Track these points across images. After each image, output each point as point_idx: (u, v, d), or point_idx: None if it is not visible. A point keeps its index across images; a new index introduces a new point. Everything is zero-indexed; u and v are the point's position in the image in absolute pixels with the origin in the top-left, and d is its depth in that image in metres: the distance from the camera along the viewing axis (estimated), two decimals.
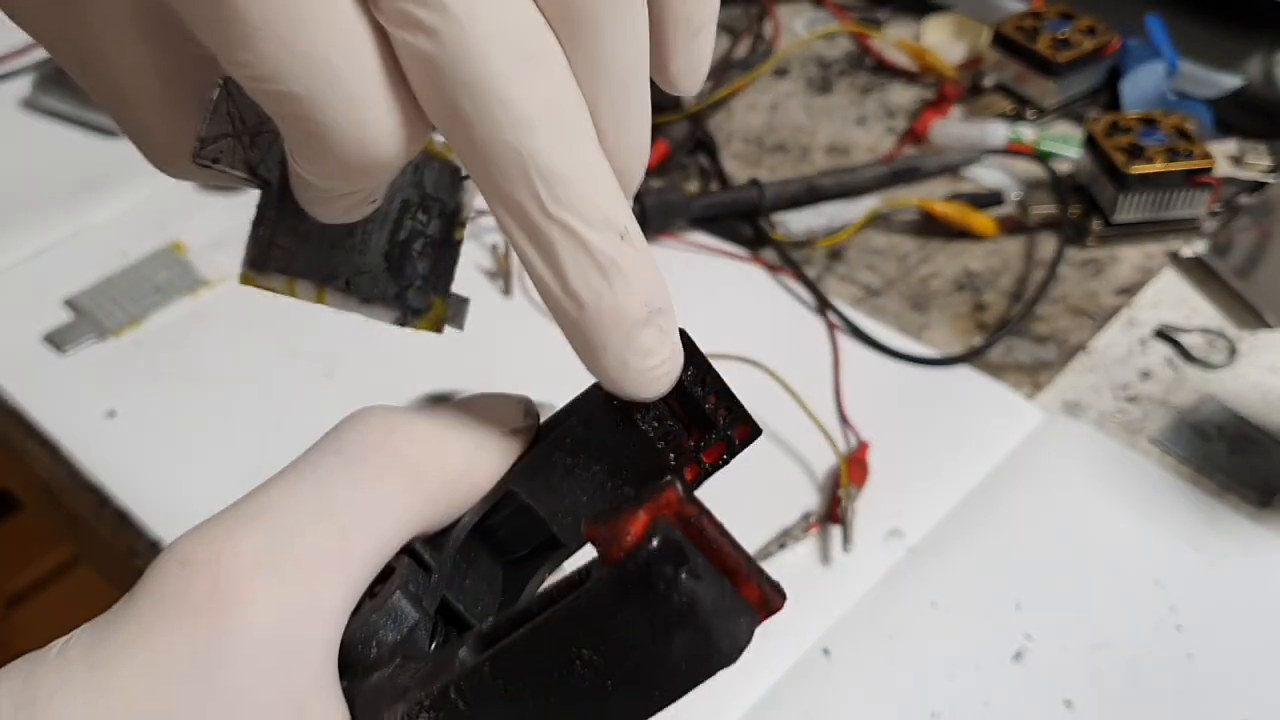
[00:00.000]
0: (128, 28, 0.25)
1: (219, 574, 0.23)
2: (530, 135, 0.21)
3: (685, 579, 0.22)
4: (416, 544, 0.26)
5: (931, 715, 0.47)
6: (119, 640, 0.23)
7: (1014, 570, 0.51)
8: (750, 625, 0.24)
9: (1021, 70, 0.76)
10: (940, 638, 0.49)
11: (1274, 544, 0.52)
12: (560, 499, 0.27)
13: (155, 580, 0.24)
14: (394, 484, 0.25)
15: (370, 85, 0.21)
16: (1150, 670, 0.46)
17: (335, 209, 0.24)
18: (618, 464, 0.27)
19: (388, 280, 0.30)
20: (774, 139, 0.77)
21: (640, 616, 0.22)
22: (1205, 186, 0.65)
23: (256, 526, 0.24)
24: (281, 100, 0.21)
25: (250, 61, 0.20)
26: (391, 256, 0.30)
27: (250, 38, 0.20)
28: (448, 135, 0.22)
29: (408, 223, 0.30)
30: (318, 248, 0.29)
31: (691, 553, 0.22)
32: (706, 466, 0.28)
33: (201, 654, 0.23)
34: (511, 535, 0.28)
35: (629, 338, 0.23)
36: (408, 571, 0.25)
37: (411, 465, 0.25)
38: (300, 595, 0.23)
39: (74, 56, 0.26)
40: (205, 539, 0.24)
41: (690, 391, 0.27)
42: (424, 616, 0.25)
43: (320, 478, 0.25)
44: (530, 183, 0.21)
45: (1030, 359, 0.61)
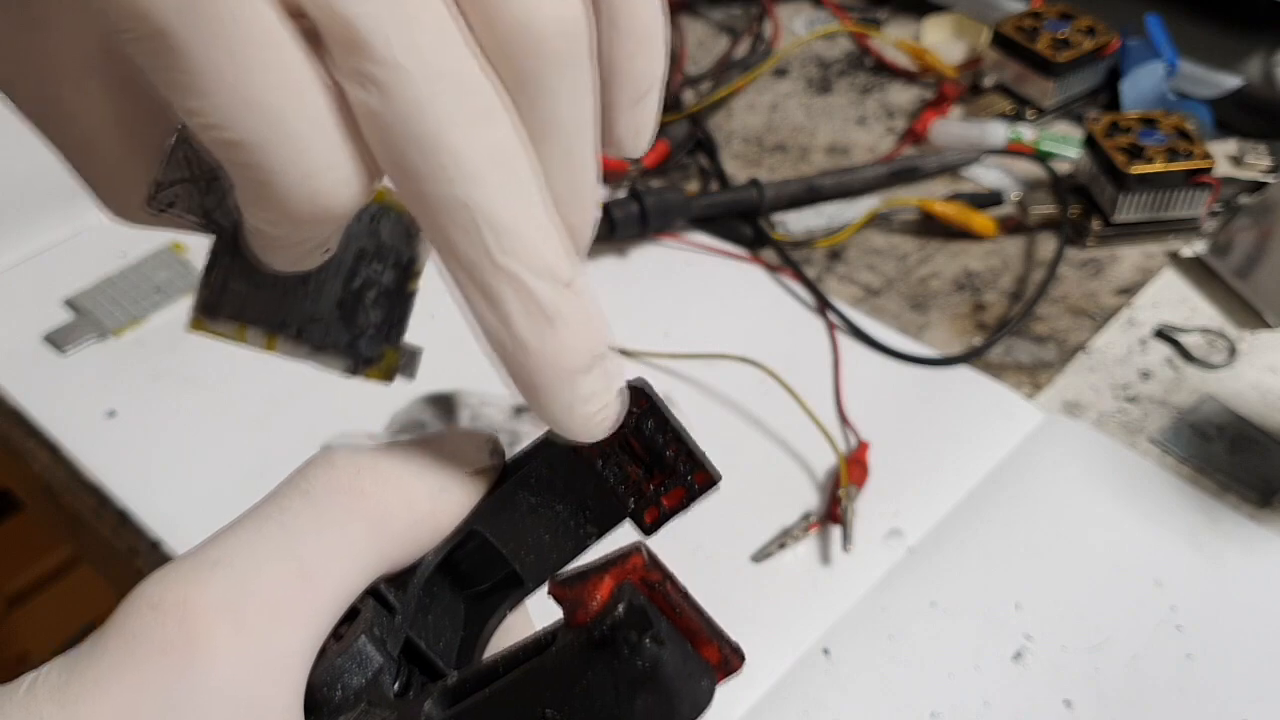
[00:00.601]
0: (89, 74, 0.25)
1: (185, 618, 0.24)
2: (478, 188, 0.21)
3: (649, 645, 0.22)
4: (380, 585, 0.26)
5: (931, 715, 0.47)
6: (88, 679, 0.23)
7: (1014, 570, 0.51)
8: (710, 687, 0.24)
9: (1021, 70, 0.76)
10: (940, 638, 0.49)
11: (1274, 544, 0.52)
12: (523, 537, 0.28)
13: (125, 620, 0.24)
14: (359, 526, 0.25)
15: (320, 135, 0.21)
16: (1150, 670, 0.46)
17: (287, 257, 0.24)
18: (581, 505, 0.28)
19: (340, 329, 0.30)
20: (774, 139, 0.77)
21: (605, 679, 0.23)
22: (1205, 186, 0.65)
23: (220, 571, 0.25)
24: (231, 148, 0.21)
25: (200, 109, 0.20)
26: (345, 305, 0.30)
27: (200, 85, 0.20)
28: (398, 187, 0.22)
29: (362, 271, 0.30)
30: (270, 295, 0.29)
31: (655, 618, 0.23)
32: (666, 510, 0.28)
33: (168, 699, 0.23)
34: (474, 570, 0.28)
35: (573, 384, 0.24)
36: (372, 615, 0.26)
37: (376, 506, 0.25)
38: (263, 642, 0.24)
39: (32, 102, 0.26)
40: (173, 581, 0.25)
41: (651, 438, 0.27)
42: (388, 660, 0.26)
43: (286, 520, 0.26)
44: (478, 234, 0.22)
45: (1030, 359, 0.61)
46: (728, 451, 0.57)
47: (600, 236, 0.66)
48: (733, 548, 0.52)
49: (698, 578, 0.49)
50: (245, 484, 0.56)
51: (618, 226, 0.65)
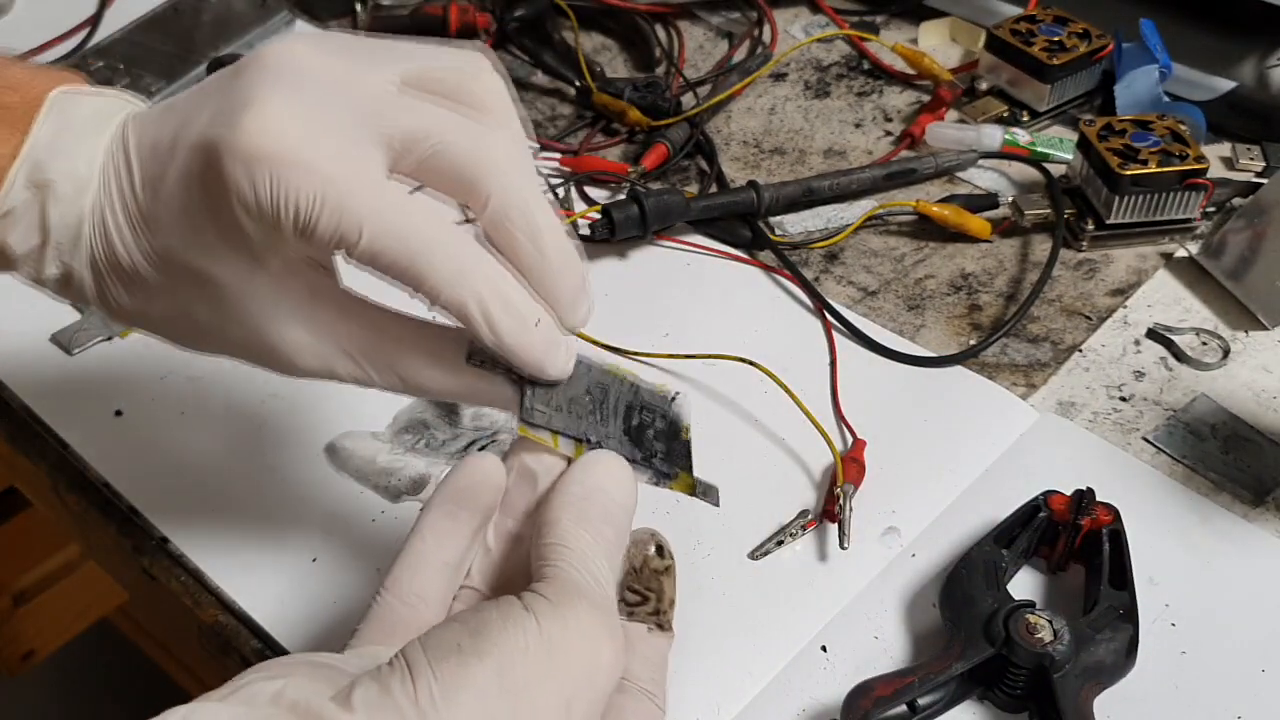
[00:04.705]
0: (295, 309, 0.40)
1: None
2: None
3: None
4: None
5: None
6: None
7: None
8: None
9: (1016, 74, 0.76)
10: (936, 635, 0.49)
11: (1267, 543, 0.53)
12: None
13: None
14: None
15: (508, 284, 0.38)
16: (1144, 667, 0.47)
17: (532, 361, 0.39)
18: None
19: (631, 447, 0.41)
20: (772, 142, 0.77)
21: None
22: (1198, 188, 0.66)
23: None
24: (452, 309, 0.37)
25: (431, 292, 0.37)
26: (630, 433, 0.41)
27: (433, 281, 0.37)
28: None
29: (634, 416, 0.42)
30: (569, 417, 0.40)
31: None
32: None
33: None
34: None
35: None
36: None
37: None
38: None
39: (242, 339, 0.41)
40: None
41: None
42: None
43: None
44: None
45: (1025, 359, 0.62)
46: (726, 450, 0.58)
47: (600, 238, 0.66)
48: (730, 545, 0.53)
49: (696, 575, 0.50)
50: (250, 482, 0.56)
51: (617, 228, 0.66)
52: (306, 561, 0.52)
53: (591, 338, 0.63)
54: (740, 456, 0.57)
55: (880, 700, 0.44)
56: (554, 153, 0.76)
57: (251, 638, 0.50)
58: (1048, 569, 0.52)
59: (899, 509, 0.54)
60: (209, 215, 0.37)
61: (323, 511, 0.54)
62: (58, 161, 0.39)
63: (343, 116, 0.36)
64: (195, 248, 0.38)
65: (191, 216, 0.38)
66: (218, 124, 0.36)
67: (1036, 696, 0.45)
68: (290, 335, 0.40)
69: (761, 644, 0.49)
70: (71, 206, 0.39)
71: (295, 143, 0.35)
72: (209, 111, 0.37)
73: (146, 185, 0.38)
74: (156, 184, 0.38)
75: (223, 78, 0.38)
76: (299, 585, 0.51)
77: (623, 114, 0.76)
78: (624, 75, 0.83)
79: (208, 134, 0.36)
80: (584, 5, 0.86)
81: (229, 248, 0.38)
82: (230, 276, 0.39)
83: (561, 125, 0.79)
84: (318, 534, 0.53)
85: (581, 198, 0.72)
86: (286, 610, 0.50)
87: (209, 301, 0.40)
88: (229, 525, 0.54)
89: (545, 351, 0.39)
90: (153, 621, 1.14)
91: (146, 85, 0.77)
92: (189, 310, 0.40)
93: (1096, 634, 0.46)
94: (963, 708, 0.47)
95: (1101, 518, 0.50)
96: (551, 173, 0.74)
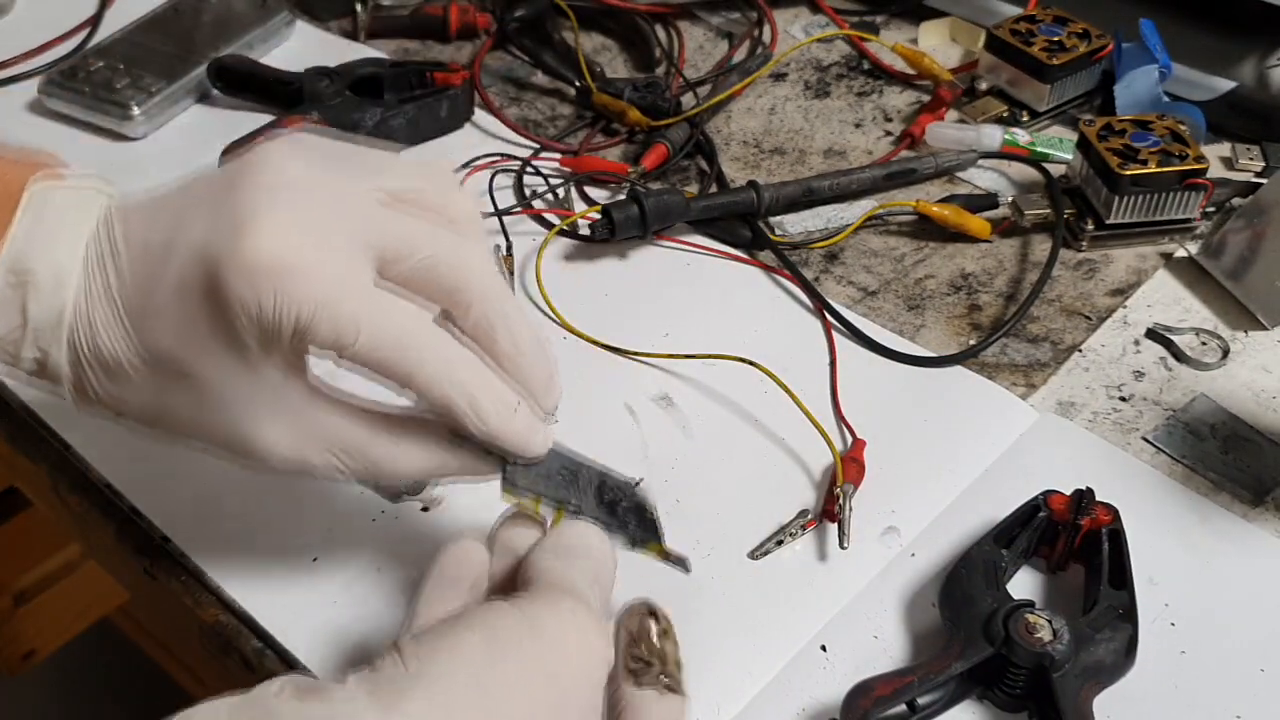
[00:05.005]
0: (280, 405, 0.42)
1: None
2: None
3: None
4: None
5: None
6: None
7: None
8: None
9: (1016, 74, 0.77)
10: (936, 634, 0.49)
11: (1266, 542, 0.53)
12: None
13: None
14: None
15: (492, 384, 0.42)
16: (1144, 666, 0.47)
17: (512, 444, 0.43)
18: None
19: (608, 516, 0.45)
20: (772, 142, 0.77)
21: None
22: (1198, 188, 0.66)
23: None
24: (439, 406, 0.41)
25: (420, 388, 0.41)
26: (603, 506, 0.45)
27: (415, 377, 0.41)
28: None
29: (606, 495, 0.45)
30: (548, 486, 0.45)
31: None
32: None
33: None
34: None
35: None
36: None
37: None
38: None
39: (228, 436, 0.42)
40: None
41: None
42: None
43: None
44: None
45: (1024, 359, 0.62)
46: (726, 450, 0.58)
47: (600, 238, 0.66)
48: (730, 545, 0.53)
49: (696, 575, 0.50)
50: (251, 483, 0.56)
51: (617, 228, 0.66)
52: (307, 561, 0.52)
53: (592, 338, 0.63)
54: (740, 456, 0.57)
55: (880, 700, 0.44)
56: (554, 153, 0.76)
57: (252, 638, 0.50)
58: (1047, 569, 0.52)
59: (899, 509, 0.54)
60: (206, 321, 0.39)
61: (323, 511, 0.54)
62: (38, 254, 0.41)
63: (335, 228, 0.39)
64: (186, 347, 0.40)
65: (186, 320, 0.40)
66: (218, 238, 0.39)
67: (1036, 696, 0.46)
68: (268, 430, 0.42)
69: (761, 643, 0.49)
70: (52, 298, 0.41)
71: (296, 257, 0.38)
72: (204, 221, 0.39)
73: (138, 285, 0.40)
74: (149, 286, 0.40)
75: (215, 186, 0.40)
76: (299, 585, 0.51)
77: (623, 114, 0.76)
78: (624, 75, 0.83)
79: (208, 247, 0.39)
80: (584, 5, 0.86)
81: (220, 349, 0.40)
82: (216, 374, 0.41)
83: (561, 125, 0.79)
84: (318, 534, 0.53)
85: (581, 198, 0.72)
86: (287, 610, 0.51)
87: (190, 395, 0.41)
88: (230, 525, 0.54)
89: (527, 433, 0.43)
90: (153, 621, 1.14)
91: (147, 85, 0.77)
92: (168, 403, 0.42)
93: (1096, 634, 0.46)
94: (962, 707, 0.47)
95: (1101, 517, 0.50)
96: (552, 173, 0.74)
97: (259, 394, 0.41)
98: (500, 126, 0.78)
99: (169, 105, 0.78)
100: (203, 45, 0.81)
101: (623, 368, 0.61)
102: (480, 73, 0.83)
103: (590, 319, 0.64)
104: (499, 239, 0.67)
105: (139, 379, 0.41)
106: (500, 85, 0.83)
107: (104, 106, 0.76)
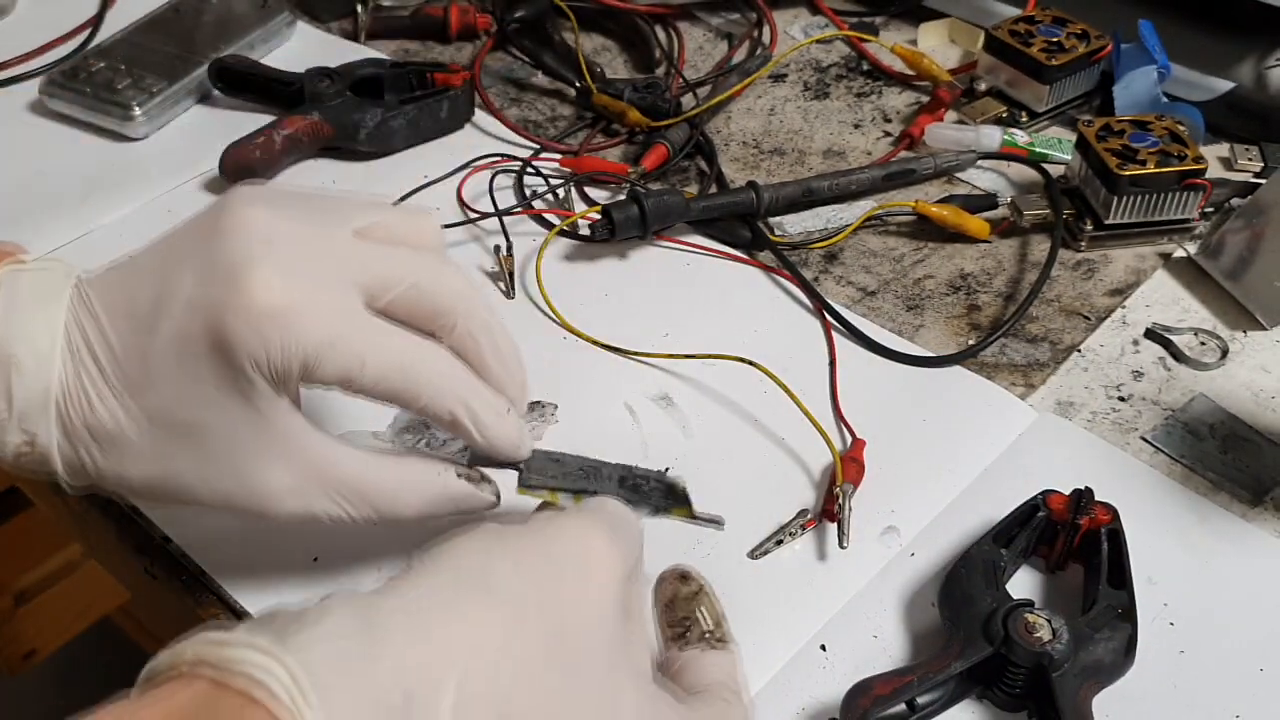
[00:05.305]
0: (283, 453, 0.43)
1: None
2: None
3: None
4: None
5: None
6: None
7: None
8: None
9: (1015, 74, 0.77)
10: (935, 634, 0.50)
11: (1265, 542, 0.53)
12: None
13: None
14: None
15: (486, 398, 0.45)
16: (1143, 666, 0.47)
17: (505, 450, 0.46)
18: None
19: (631, 494, 0.48)
20: (771, 142, 0.78)
21: None
22: (1197, 189, 0.66)
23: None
24: (445, 424, 0.44)
25: (424, 408, 0.43)
26: (624, 488, 0.48)
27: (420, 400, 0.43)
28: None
29: (630, 481, 0.48)
30: (565, 480, 0.47)
31: None
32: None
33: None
34: None
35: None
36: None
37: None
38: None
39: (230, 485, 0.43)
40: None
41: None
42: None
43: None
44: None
45: (1023, 359, 0.62)
46: (726, 450, 0.58)
47: (601, 239, 0.67)
48: (730, 545, 0.53)
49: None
50: None
51: (617, 228, 0.66)
52: (307, 561, 0.52)
53: (592, 338, 0.63)
54: (740, 456, 0.57)
55: (879, 699, 0.44)
56: (554, 153, 0.76)
57: None
58: (1046, 568, 0.52)
59: (898, 508, 0.54)
60: (209, 373, 0.40)
61: None
62: (17, 336, 0.41)
63: (324, 269, 0.41)
64: (189, 403, 0.41)
65: (187, 376, 0.40)
66: (215, 289, 0.40)
67: (1035, 695, 0.46)
68: (275, 479, 0.42)
69: (761, 643, 0.49)
70: (36, 378, 0.41)
71: (295, 298, 0.40)
72: (194, 276, 0.40)
73: (130, 350, 0.41)
74: (143, 348, 0.41)
75: (193, 243, 0.41)
76: (299, 585, 0.51)
77: (623, 115, 0.77)
78: (624, 76, 0.83)
79: (205, 300, 0.40)
80: (584, 6, 0.86)
81: (225, 399, 0.41)
82: (221, 426, 0.41)
83: (561, 126, 0.79)
84: (318, 534, 0.53)
85: (581, 198, 0.73)
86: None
87: (195, 452, 0.42)
88: (230, 525, 0.54)
89: (518, 436, 0.45)
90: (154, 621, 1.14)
91: (148, 86, 0.77)
92: (172, 465, 0.42)
93: (1095, 633, 0.46)
94: (961, 707, 0.47)
95: (1100, 517, 0.50)
96: (552, 173, 0.74)
97: (264, 442, 0.42)
98: (500, 127, 0.78)
99: (170, 106, 0.78)
100: (204, 46, 0.81)
101: (623, 368, 0.61)
102: (480, 73, 0.83)
103: (590, 319, 0.64)
104: (499, 239, 0.67)
105: (140, 445, 0.42)
106: (500, 86, 0.83)
107: (105, 107, 0.76)
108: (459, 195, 0.72)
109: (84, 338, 0.41)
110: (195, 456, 0.42)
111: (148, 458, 0.42)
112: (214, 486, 0.42)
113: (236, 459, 0.42)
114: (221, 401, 0.41)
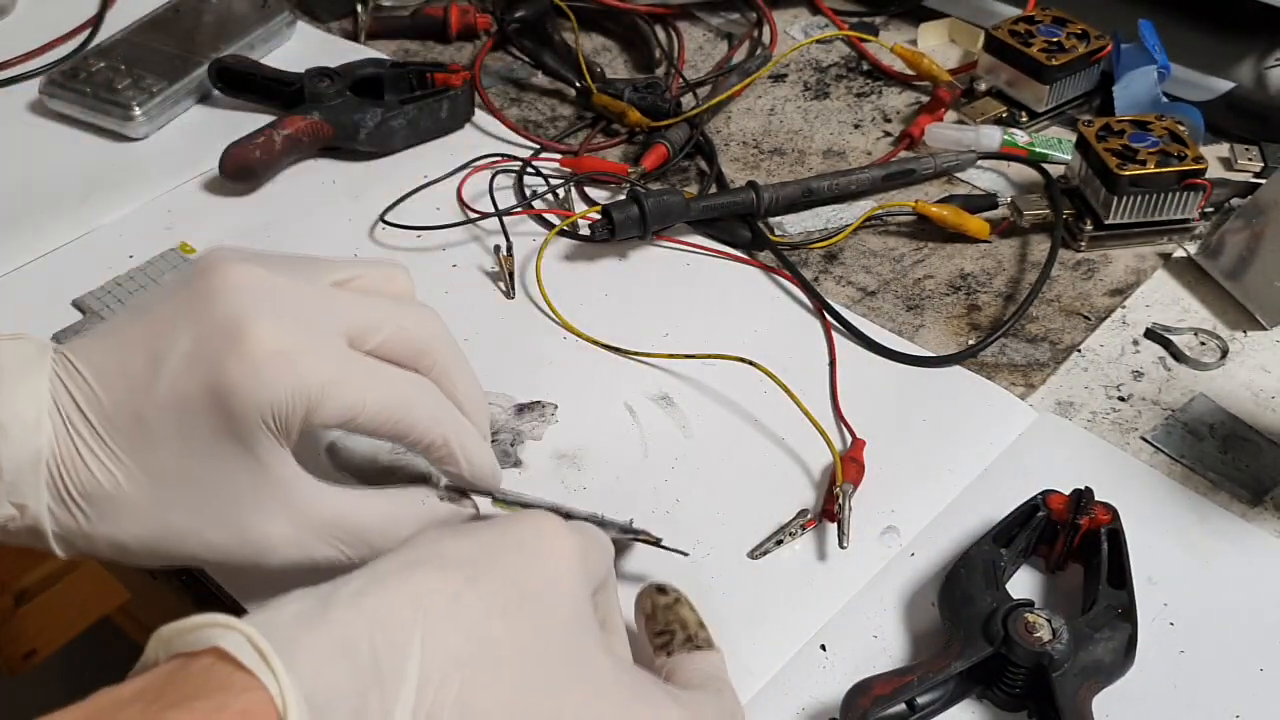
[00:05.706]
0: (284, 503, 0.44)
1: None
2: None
3: None
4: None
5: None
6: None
7: None
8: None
9: (1015, 74, 0.77)
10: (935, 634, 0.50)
11: (1265, 542, 0.53)
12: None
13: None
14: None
15: (476, 438, 0.47)
16: (1143, 666, 0.47)
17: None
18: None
19: (599, 523, 0.49)
20: (771, 142, 0.78)
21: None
22: (1197, 189, 0.66)
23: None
24: (440, 460, 0.46)
25: (421, 444, 0.45)
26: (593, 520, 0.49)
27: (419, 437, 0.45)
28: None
29: (598, 520, 0.50)
30: (539, 503, 0.49)
31: None
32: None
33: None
34: None
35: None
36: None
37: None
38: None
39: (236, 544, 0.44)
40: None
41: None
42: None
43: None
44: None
45: (1023, 359, 0.62)
46: (726, 450, 0.58)
47: (601, 239, 0.67)
48: (730, 545, 0.53)
49: (696, 574, 0.50)
50: None
51: (617, 228, 0.66)
52: None
53: (592, 338, 0.63)
54: (740, 456, 0.57)
55: (879, 699, 0.44)
56: (554, 153, 0.76)
57: None
58: (1046, 568, 0.52)
59: (898, 508, 0.54)
60: (208, 425, 0.41)
61: None
62: (1, 406, 0.41)
63: (314, 318, 0.42)
64: (188, 456, 0.41)
65: (186, 430, 0.41)
66: (214, 343, 0.40)
67: (1035, 695, 0.46)
68: (274, 530, 0.43)
69: (761, 643, 0.49)
70: (23, 447, 0.41)
71: (296, 346, 0.41)
72: (189, 333, 0.41)
73: (122, 409, 0.41)
74: (137, 406, 0.41)
75: (182, 302, 0.42)
76: (299, 585, 0.51)
77: (623, 115, 0.77)
78: (624, 76, 0.83)
79: (204, 354, 0.41)
80: (584, 6, 0.86)
81: (225, 451, 0.41)
82: (220, 476, 0.42)
83: (561, 126, 0.79)
84: None
85: (581, 198, 0.73)
86: None
87: (193, 506, 0.42)
88: None
89: (494, 465, 0.48)
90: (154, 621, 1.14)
91: (148, 86, 0.77)
92: (170, 522, 0.42)
93: (1095, 633, 0.46)
94: (961, 707, 0.47)
95: (1100, 517, 0.50)
96: (552, 173, 0.74)
97: (264, 492, 0.42)
98: (500, 127, 0.78)
99: (170, 106, 0.78)
100: (204, 46, 0.81)
101: (623, 367, 0.61)
102: (480, 73, 0.83)
103: (590, 319, 0.64)
104: (499, 239, 0.67)
105: (137, 503, 0.42)
106: (500, 86, 0.83)
107: (105, 107, 0.77)
108: (459, 195, 0.72)
109: (73, 401, 0.41)
110: (193, 511, 0.42)
111: (144, 516, 0.42)
112: (211, 540, 0.43)
113: (236, 511, 0.42)
114: (222, 454, 0.41)
